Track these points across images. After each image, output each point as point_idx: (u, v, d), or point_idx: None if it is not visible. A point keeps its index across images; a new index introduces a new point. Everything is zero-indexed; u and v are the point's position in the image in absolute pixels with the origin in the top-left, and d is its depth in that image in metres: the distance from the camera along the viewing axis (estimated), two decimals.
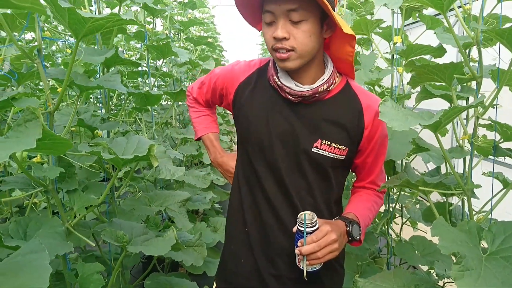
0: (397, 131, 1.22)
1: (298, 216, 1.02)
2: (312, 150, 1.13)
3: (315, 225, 1.01)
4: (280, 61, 1.07)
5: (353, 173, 1.32)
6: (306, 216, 1.01)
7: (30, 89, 2.04)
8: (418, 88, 1.56)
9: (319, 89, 1.11)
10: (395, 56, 1.76)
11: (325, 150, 1.14)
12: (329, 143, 1.13)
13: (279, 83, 1.13)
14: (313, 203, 1.18)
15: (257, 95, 1.20)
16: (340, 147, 1.14)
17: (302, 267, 1.02)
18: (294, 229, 1.04)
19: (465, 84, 1.35)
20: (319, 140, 1.13)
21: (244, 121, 1.21)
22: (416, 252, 1.74)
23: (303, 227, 1.00)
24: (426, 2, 0.91)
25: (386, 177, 1.43)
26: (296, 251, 1.02)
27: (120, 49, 2.88)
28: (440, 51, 1.55)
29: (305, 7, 1.01)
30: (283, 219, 1.18)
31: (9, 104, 0.92)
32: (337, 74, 1.17)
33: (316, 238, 1.00)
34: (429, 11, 2.78)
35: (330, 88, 1.13)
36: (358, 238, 1.09)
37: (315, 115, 1.14)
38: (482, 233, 0.95)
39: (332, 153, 1.14)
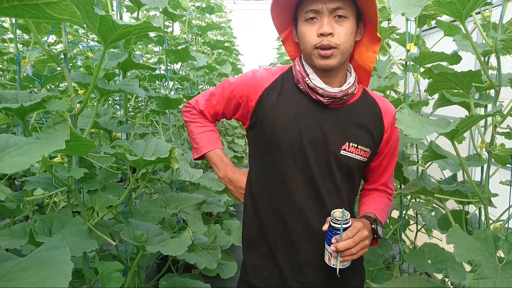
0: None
1: (332, 213, 1.05)
2: (341, 152, 1.17)
3: (348, 222, 1.04)
4: (322, 59, 1.10)
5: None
6: (341, 213, 1.03)
7: (53, 91, 2.09)
8: (435, 95, 1.55)
9: (349, 91, 1.15)
10: (409, 62, 1.76)
11: (352, 152, 1.17)
12: (356, 145, 1.17)
13: (311, 84, 1.15)
14: (341, 205, 1.18)
15: (283, 100, 1.21)
16: (365, 149, 1.18)
17: (334, 265, 1.04)
18: (325, 227, 1.07)
19: (483, 92, 1.35)
20: (347, 143, 1.17)
21: (270, 125, 1.20)
22: (428, 259, 1.72)
23: (338, 224, 1.02)
24: (445, 11, 0.92)
25: (395, 180, 1.43)
26: (332, 247, 1.03)
27: (138, 52, 2.93)
28: (455, 58, 1.54)
29: (347, 6, 1.07)
30: (312, 224, 1.18)
31: (40, 106, 0.96)
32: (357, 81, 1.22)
33: (351, 234, 1.03)
34: (447, 17, 2.76)
35: (355, 91, 1.18)
36: (381, 236, 1.13)
37: (342, 118, 1.18)
38: (499, 242, 0.95)
39: (358, 155, 1.18)
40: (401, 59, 1.84)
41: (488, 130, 1.41)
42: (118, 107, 3.30)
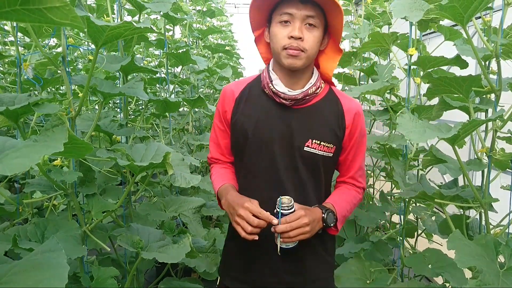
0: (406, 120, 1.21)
1: (279, 198, 1.17)
2: (305, 149, 1.26)
3: (291, 209, 1.16)
4: (289, 58, 1.20)
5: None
6: (283, 199, 1.16)
7: (53, 94, 2.09)
8: (434, 100, 1.55)
9: (309, 91, 1.26)
10: (410, 66, 1.75)
11: (315, 149, 1.26)
12: (318, 142, 1.26)
13: (274, 89, 1.26)
14: (304, 196, 1.30)
15: (250, 105, 1.32)
16: (328, 145, 1.27)
17: (277, 244, 1.17)
18: (274, 211, 1.18)
19: (484, 96, 1.34)
20: (310, 140, 1.26)
21: (242, 128, 1.30)
22: (428, 264, 1.70)
23: (280, 209, 1.15)
24: (446, 15, 0.91)
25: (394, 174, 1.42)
26: (272, 229, 1.15)
27: (138, 56, 2.93)
28: (460, 62, 1.52)
29: (318, 17, 1.18)
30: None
31: (30, 110, 0.96)
32: (322, 81, 1.32)
33: (289, 219, 1.14)
34: (447, 21, 2.76)
35: (317, 91, 1.28)
36: (331, 225, 1.24)
37: (306, 117, 1.28)
38: (500, 247, 0.94)
39: (322, 151, 1.27)
40: (406, 64, 1.84)
41: (488, 135, 1.40)
42: (118, 110, 3.30)
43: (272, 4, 1.23)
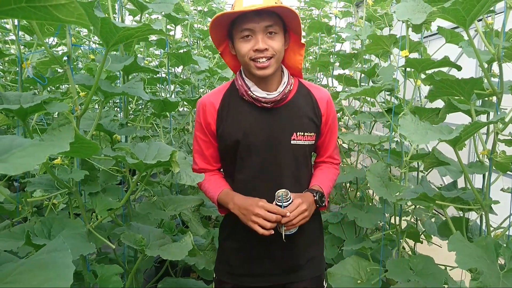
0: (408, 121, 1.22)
1: (276, 193, 1.29)
2: (291, 142, 1.38)
3: (289, 199, 1.29)
4: (259, 70, 1.29)
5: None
6: (282, 193, 1.28)
7: (54, 93, 2.09)
8: (435, 102, 1.55)
9: (285, 91, 1.36)
10: (405, 68, 1.76)
11: (300, 140, 1.39)
12: (302, 133, 1.39)
13: (253, 96, 1.34)
14: (297, 182, 1.42)
15: (233, 114, 1.39)
16: (310, 134, 1.40)
17: (281, 232, 1.28)
18: (273, 203, 1.29)
19: (485, 99, 1.35)
20: (294, 133, 1.38)
21: (231, 136, 1.38)
22: (413, 270, 1.63)
23: (281, 203, 1.28)
24: (449, 18, 0.92)
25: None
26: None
27: (139, 56, 2.94)
28: (446, 63, 1.47)
29: (276, 23, 1.27)
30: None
31: (41, 108, 0.96)
32: (291, 77, 1.42)
33: (291, 209, 1.26)
34: (448, 24, 2.78)
35: (291, 88, 1.39)
36: (323, 204, 1.38)
37: (287, 114, 1.38)
38: (500, 249, 0.95)
39: (306, 140, 1.40)
40: (401, 66, 1.85)
41: (489, 137, 1.41)
42: (118, 109, 3.30)
43: (229, 21, 1.31)
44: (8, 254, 0.97)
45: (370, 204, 2.42)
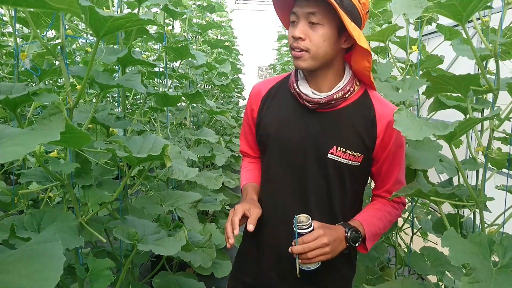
0: (422, 143, 1.23)
1: (296, 217, 1.10)
2: (328, 156, 1.18)
3: (308, 228, 1.09)
4: (294, 59, 1.15)
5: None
6: (300, 218, 1.09)
7: (51, 85, 2.09)
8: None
9: (334, 96, 1.17)
10: (407, 65, 1.76)
11: (340, 157, 1.18)
12: (344, 149, 1.17)
13: (297, 90, 1.20)
14: (328, 208, 1.22)
15: (277, 104, 1.27)
16: (355, 154, 1.18)
17: (296, 266, 1.10)
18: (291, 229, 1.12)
19: (480, 96, 1.35)
20: (335, 147, 1.18)
21: (265, 128, 1.27)
22: (428, 262, 1.72)
23: (299, 229, 1.08)
24: (445, 13, 0.92)
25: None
26: (289, 249, 1.09)
27: (137, 49, 2.93)
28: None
29: (323, 13, 1.09)
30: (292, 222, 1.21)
31: (29, 99, 0.95)
32: (357, 83, 1.22)
33: (306, 240, 1.07)
34: (448, 21, 2.77)
35: (347, 96, 1.18)
36: (357, 245, 1.14)
37: (332, 122, 1.19)
38: (493, 246, 0.95)
39: (347, 159, 1.18)
40: (403, 62, 1.84)
41: (484, 134, 1.41)
42: (116, 104, 3.29)
43: (291, 5, 1.17)
44: (1, 246, 0.96)
45: (367, 201, 2.42)
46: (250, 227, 1.14)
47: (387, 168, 1.24)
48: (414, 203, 1.83)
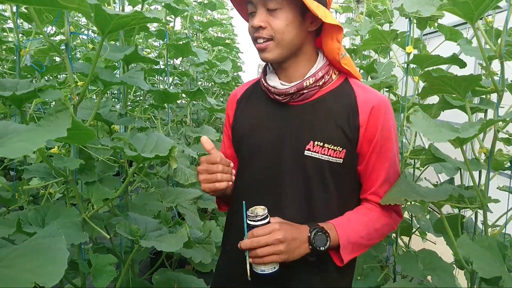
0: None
1: (243, 206, 0.93)
2: (305, 153, 1.03)
3: (262, 220, 0.91)
4: (259, 52, 1.04)
5: None
6: (256, 210, 0.93)
7: (54, 81, 2.08)
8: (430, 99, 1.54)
9: (304, 84, 1.03)
10: (408, 65, 1.76)
11: (318, 152, 1.02)
12: (321, 144, 1.02)
13: (265, 84, 1.08)
14: (308, 214, 1.05)
15: (251, 104, 1.16)
16: (335, 148, 1.02)
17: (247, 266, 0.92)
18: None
19: (484, 96, 1.35)
20: (311, 142, 1.03)
21: (239, 131, 1.15)
22: (420, 264, 1.67)
23: (250, 220, 0.91)
24: (457, 12, 0.91)
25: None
26: (238, 244, 0.93)
27: (139, 47, 2.92)
28: (454, 61, 1.48)
29: None
30: None
31: (35, 95, 0.95)
32: (335, 72, 1.09)
33: (256, 234, 0.91)
34: (448, 21, 2.77)
35: (320, 83, 1.05)
36: (322, 249, 0.95)
37: (307, 114, 1.05)
38: (507, 250, 0.93)
39: (327, 155, 1.02)
40: (404, 62, 1.85)
41: (487, 136, 1.41)
42: (116, 100, 3.29)
43: None
44: (3, 240, 0.97)
45: None
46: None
47: (374, 164, 1.06)
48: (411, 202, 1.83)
